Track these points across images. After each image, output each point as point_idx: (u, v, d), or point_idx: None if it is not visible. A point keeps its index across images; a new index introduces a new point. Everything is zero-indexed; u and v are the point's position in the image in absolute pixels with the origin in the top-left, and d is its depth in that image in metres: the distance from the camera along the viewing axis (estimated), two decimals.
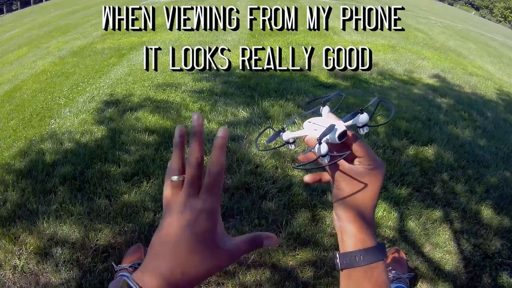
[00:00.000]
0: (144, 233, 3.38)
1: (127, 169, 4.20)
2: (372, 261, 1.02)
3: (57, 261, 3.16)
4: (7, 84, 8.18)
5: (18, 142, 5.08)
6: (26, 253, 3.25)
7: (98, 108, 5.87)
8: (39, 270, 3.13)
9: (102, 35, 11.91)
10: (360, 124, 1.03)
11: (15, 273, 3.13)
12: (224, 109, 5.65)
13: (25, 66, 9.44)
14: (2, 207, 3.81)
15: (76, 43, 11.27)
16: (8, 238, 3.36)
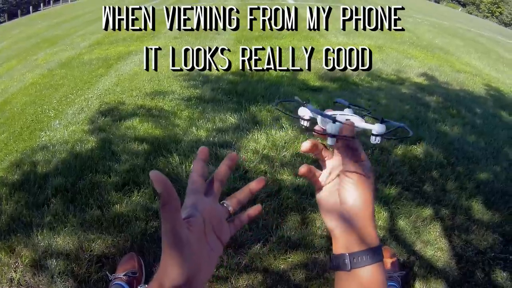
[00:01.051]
0: (137, 242, 3.42)
1: (117, 179, 4.23)
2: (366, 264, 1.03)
3: (53, 272, 3.18)
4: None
5: (9, 156, 5.10)
6: (22, 265, 3.27)
7: (87, 119, 5.88)
8: (35, 283, 3.15)
9: (89, 46, 11.94)
10: (375, 132, 1.04)
11: (12, 286, 3.15)
12: (212, 116, 5.68)
13: (14, 79, 9.44)
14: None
15: (64, 54, 11.26)
16: (3, 251, 3.39)
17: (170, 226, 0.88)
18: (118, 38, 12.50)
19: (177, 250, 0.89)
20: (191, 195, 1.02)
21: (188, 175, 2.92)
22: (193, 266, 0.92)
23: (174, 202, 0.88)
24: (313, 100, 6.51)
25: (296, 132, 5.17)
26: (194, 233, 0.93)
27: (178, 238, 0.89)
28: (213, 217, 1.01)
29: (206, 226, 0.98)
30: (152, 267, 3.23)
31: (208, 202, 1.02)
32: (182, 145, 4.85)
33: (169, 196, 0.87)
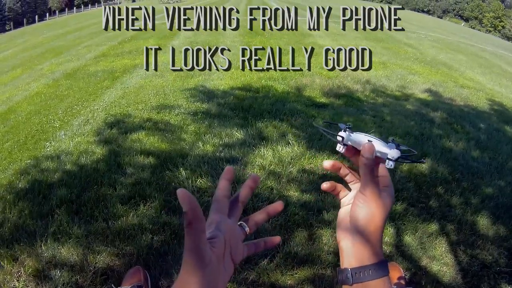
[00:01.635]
0: (143, 255, 3.39)
1: (123, 192, 4.21)
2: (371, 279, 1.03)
3: (56, 283, 3.15)
4: (1, 105, 8.19)
5: (13, 165, 5.08)
6: (25, 275, 3.24)
7: (93, 131, 5.88)
8: None
9: (95, 57, 11.95)
10: (390, 156, 1.07)
11: None
12: (218, 131, 5.68)
13: (19, 88, 9.45)
14: (0, 228, 3.82)
15: (70, 65, 11.28)
16: (6, 259, 3.36)
17: (194, 245, 0.87)
18: (124, 50, 12.54)
19: (199, 270, 0.88)
20: (215, 214, 1.01)
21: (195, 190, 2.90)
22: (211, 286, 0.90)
23: (199, 222, 0.87)
24: (319, 116, 6.50)
25: (303, 148, 5.15)
26: (216, 254, 0.92)
27: (201, 258, 0.88)
28: (232, 239, 1.00)
29: (226, 247, 0.98)
30: (158, 280, 3.20)
31: (230, 223, 1.02)
32: (189, 159, 4.83)
33: (195, 215, 0.86)
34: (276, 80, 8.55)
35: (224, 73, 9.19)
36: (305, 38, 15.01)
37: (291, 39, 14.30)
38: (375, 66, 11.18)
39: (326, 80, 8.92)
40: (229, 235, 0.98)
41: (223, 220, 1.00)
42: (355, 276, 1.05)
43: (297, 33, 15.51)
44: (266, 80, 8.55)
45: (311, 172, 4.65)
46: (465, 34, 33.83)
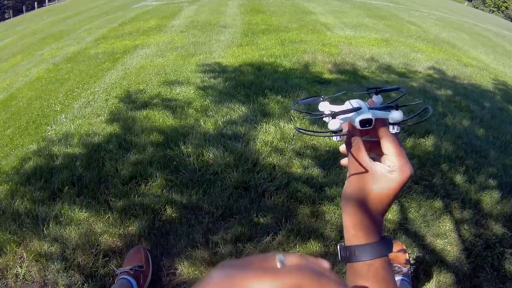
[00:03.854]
0: (144, 235, 3.39)
1: (125, 172, 4.20)
2: (371, 258, 1.02)
3: (59, 267, 3.15)
4: (2, 93, 8.16)
5: (15, 151, 5.07)
6: (27, 260, 3.24)
7: (94, 113, 5.86)
8: (40, 277, 3.13)
9: (95, 40, 11.90)
10: (392, 120, 1.03)
11: (17, 281, 3.13)
12: (221, 108, 5.66)
13: (20, 74, 9.42)
14: (2, 215, 3.81)
15: (70, 49, 11.23)
16: (9, 246, 3.36)
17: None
18: (124, 32, 12.49)
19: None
20: None
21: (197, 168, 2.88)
22: None
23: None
24: (323, 92, 6.47)
25: (305, 124, 5.12)
26: None
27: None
28: None
29: None
30: (160, 261, 3.19)
31: None
32: (191, 137, 4.80)
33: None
34: (278, 57, 8.51)
35: (226, 51, 9.17)
36: (307, 15, 14.93)
37: (293, 17, 14.24)
38: (378, 43, 11.14)
39: (329, 57, 8.87)
40: None
41: None
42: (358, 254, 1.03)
43: (298, 11, 15.48)
44: (268, 57, 8.51)
45: (313, 148, 4.63)
46: (468, 14, 33.67)
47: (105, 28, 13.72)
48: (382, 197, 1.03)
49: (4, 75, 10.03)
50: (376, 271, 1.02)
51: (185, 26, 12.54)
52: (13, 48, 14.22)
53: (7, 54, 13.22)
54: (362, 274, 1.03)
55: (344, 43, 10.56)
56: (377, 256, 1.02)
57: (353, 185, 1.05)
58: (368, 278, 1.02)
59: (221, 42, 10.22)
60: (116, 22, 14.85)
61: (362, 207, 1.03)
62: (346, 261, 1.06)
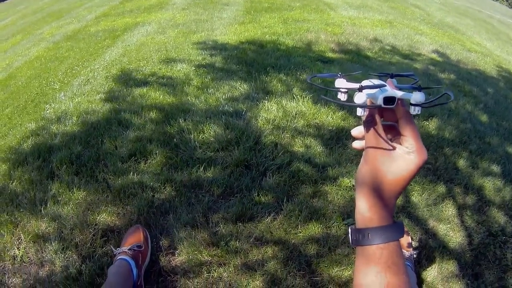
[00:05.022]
0: (143, 214, 3.35)
1: (124, 150, 4.16)
2: (381, 241, 1.01)
3: (56, 248, 3.12)
4: (1, 72, 8.13)
5: (13, 130, 5.03)
6: (25, 242, 3.22)
7: (93, 90, 5.82)
8: (38, 259, 3.10)
9: (96, 18, 11.85)
10: (414, 101, 1.00)
11: (15, 263, 3.10)
12: (222, 84, 5.62)
13: (19, 54, 9.38)
14: (0, 196, 3.78)
15: (70, 27, 11.19)
16: (6, 228, 3.33)
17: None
18: (125, 9, 12.44)
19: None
20: None
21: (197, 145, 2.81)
22: None
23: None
24: (324, 70, 6.43)
25: (308, 102, 5.08)
26: None
27: None
28: None
29: None
30: (159, 240, 3.16)
31: None
32: (191, 114, 4.77)
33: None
34: (280, 35, 8.46)
35: (227, 29, 9.13)
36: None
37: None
38: (382, 24, 11.09)
39: (332, 36, 8.83)
40: None
41: None
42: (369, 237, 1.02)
43: None
44: (271, 35, 8.47)
45: (316, 127, 4.59)
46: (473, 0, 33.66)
47: (105, 6, 13.65)
48: (398, 179, 1.01)
49: (4, 55, 10.00)
50: (388, 255, 1.01)
51: (187, 3, 12.47)
52: (13, 28, 14.18)
53: (7, 34, 13.18)
54: (374, 258, 1.01)
55: (347, 23, 10.52)
56: (390, 240, 1.01)
57: (369, 165, 1.04)
58: (380, 263, 1.01)
59: (223, 20, 10.17)
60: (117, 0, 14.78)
61: (378, 189, 1.02)
62: (357, 244, 1.05)
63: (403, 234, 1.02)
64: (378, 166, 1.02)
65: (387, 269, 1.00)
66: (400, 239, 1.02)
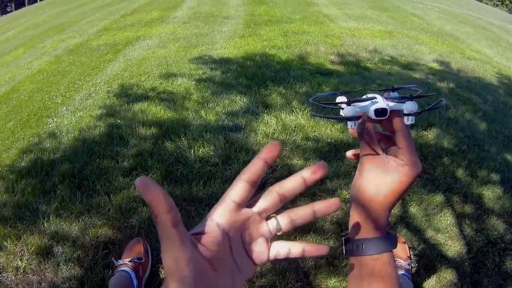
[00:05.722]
0: (144, 228, 3.39)
1: (125, 164, 4.21)
2: (375, 252, 1.02)
3: (59, 260, 3.17)
4: (4, 86, 8.16)
5: (16, 143, 5.07)
6: (28, 253, 3.25)
7: (95, 105, 5.86)
8: (41, 270, 3.13)
9: (97, 32, 11.87)
10: (406, 111, 1.02)
11: (18, 274, 3.14)
12: (222, 99, 5.65)
13: (22, 67, 9.41)
14: (3, 208, 3.82)
15: (72, 41, 11.21)
16: (9, 239, 3.36)
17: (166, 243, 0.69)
18: (126, 23, 12.47)
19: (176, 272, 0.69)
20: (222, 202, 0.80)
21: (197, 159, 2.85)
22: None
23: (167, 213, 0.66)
24: (324, 83, 6.46)
25: (307, 116, 5.12)
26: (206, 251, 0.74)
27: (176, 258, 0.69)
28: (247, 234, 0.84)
29: (233, 243, 0.81)
30: (159, 253, 3.16)
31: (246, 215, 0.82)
32: (192, 128, 4.80)
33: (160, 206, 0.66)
34: (280, 49, 8.49)
35: (228, 42, 9.15)
36: (310, 7, 14.89)
37: (296, 8, 14.20)
38: (381, 35, 11.12)
39: (331, 48, 8.86)
40: (239, 229, 0.82)
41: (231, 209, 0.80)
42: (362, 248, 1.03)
43: (301, 2, 15.45)
44: (270, 48, 8.49)
45: (315, 140, 4.62)
46: (472, 7, 33.53)
47: (107, 20, 13.69)
48: (392, 191, 1.02)
49: (6, 69, 10.03)
50: (381, 265, 1.02)
51: (188, 17, 12.51)
52: (15, 41, 14.21)
53: (9, 47, 13.20)
54: (367, 269, 1.03)
55: (347, 34, 10.54)
56: (383, 251, 1.02)
57: (364, 176, 1.05)
58: (373, 273, 1.02)
59: (223, 33, 10.20)
60: (118, 13, 14.81)
61: (372, 201, 1.03)
62: (351, 254, 1.05)
63: (396, 245, 1.03)
64: (372, 178, 1.03)
65: (380, 280, 1.02)
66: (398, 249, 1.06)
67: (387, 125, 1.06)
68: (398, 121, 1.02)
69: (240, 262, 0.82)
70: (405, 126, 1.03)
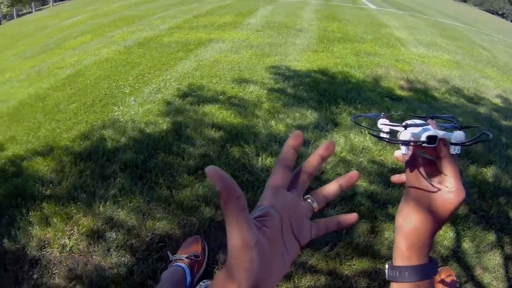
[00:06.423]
0: (204, 227, 3.38)
1: (191, 162, 4.21)
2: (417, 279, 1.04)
3: (110, 245, 3.19)
4: (69, 68, 8.27)
5: (78, 125, 5.12)
6: (77, 234, 3.29)
7: (164, 100, 5.91)
8: (88, 252, 3.17)
9: (169, 29, 11.97)
10: (454, 140, 1.02)
11: (63, 252, 3.18)
12: (292, 111, 5.61)
13: (89, 53, 9.54)
14: (57, 186, 3.86)
15: (142, 34, 11.33)
16: (60, 217, 3.41)
17: (234, 226, 0.74)
18: (199, 24, 12.55)
19: (243, 253, 0.75)
20: (270, 188, 0.89)
21: (264, 168, 2.79)
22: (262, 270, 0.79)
23: (236, 199, 0.74)
24: (393, 108, 6.40)
25: (374, 139, 5.05)
26: (268, 233, 0.81)
27: (244, 240, 0.75)
28: (294, 215, 0.90)
29: (284, 225, 0.87)
30: (216, 254, 3.18)
31: (290, 197, 0.91)
32: (260, 137, 4.78)
33: (230, 192, 0.73)
34: (352, 68, 8.43)
35: (301, 55, 9.11)
36: (382, 28, 14.79)
37: (368, 28, 14.12)
38: (450, 64, 11.00)
39: (401, 73, 8.78)
40: (288, 211, 0.88)
41: (280, 194, 0.89)
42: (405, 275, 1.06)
43: (373, 23, 15.39)
44: (343, 66, 8.45)
45: (380, 164, 4.57)
46: None
47: (179, 18, 13.80)
48: (436, 218, 1.04)
49: (72, 52, 10.17)
50: None
51: (261, 25, 12.53)
52: (83, 27, 14.42)
53: (76, 32, 13.41)
54: None
55: (417, 60, 10.45)
56: (424, 278, 1.04)
57: (410, 204, 1.07)
58: None
59: (296, 46, 10.17)
60: (191, 13, 14.93)
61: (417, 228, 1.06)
62: (393, 280, 1.09)
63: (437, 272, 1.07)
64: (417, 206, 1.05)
65: None
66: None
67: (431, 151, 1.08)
68: (445, 149, 1.04)
69: (289, 243, 0.88)
70: (450, 154, 1.04)
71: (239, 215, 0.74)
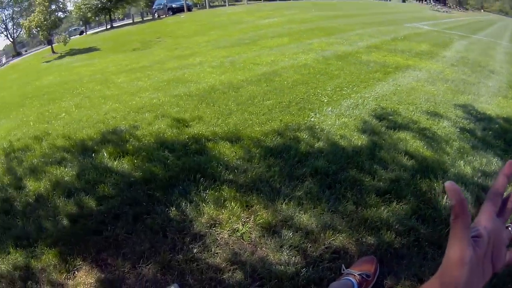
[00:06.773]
0: (380, 250, 3.35)
1: (381, 184, 4.19)
2: None
3: (283, 242, 3.28)
4: (265, 66, 8.50)
5: (272, 122, 5.28)
6: (252, 223, 3.44)
7: (361, 117, 5.97)
8: (259, 243, 3.28)
9: (367, 47, 12.01)
10: None
11: (232, 236, 3.33)
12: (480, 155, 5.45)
13: (286, 55, 9.76)
14: (242, 173, 4.05)
15: (340, 47, 11.44)
16: (239, 203, 3.58)
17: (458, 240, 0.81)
18: (396, 48, 12.50)
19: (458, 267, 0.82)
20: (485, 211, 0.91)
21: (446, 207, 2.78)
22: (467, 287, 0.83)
23: (465, 217, 0.81)
24: None
25: None
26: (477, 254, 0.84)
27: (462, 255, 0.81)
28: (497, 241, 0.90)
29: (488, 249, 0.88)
30: (384, 279, 3.14)
31: (498, 223, 0.92)
32: (448, 174, 4.69)
33: (462, 209, 0.80)
34: None
35: (492, 99, 8.81)
36: None
37: None
38: None
39: None
40: (494, 237, 0.89)
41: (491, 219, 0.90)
42: None
43: None
44: None
45: None
46: None
47: (377, 38, 13.81)
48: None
49: (269, 51, 10.43)
50: None
51: (456, 60, 12.26)
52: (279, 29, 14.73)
53: (272, 32, 13.72)
54: None
55: None
56: None
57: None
58: None
59: (488, 88, 9.84)
60: (388, 35, 14.89)
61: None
62: None
63: None
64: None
65: None
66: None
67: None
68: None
69: (487, 266, 0.88)
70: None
71: (464, 231, 0.81)
